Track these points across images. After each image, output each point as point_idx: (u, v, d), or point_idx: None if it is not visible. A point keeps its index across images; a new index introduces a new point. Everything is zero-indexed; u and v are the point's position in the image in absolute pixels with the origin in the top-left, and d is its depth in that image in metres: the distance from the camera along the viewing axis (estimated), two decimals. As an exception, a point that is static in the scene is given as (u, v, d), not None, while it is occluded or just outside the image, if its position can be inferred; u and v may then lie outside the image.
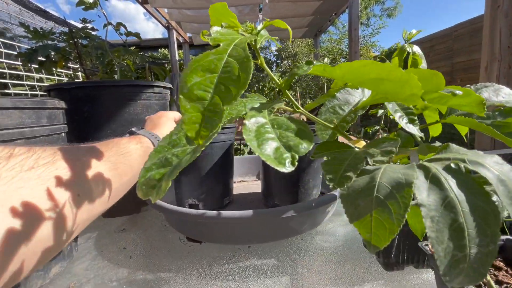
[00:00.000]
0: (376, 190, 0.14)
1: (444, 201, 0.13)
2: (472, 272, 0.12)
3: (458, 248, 0.12)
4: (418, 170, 0.14)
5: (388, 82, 0.14)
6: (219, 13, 0.20)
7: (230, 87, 0.14)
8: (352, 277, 0.37)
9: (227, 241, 0.47)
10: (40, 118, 0.39)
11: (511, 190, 0.13)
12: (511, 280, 0.23)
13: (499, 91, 0.27)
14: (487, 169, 0.13)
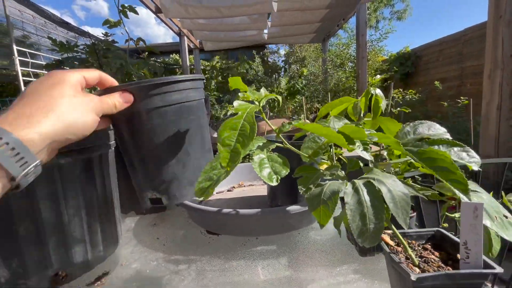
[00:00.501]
0: (323, 195, 0.25)
1: (358, 201, 0.25)
2: (371, 238, 0.24)
3: (363, 225, 0.24)
4: (350, 184, 0.26)
5: (329, 137, 0.26)
6: (235, 83, 0.33)
7: (244, 139, 0.26)
8: (335, 261, 0.48)
9: (239, 234, 0.59)
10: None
11: (393, 196, 0.24)
12: (430, 256, 0.34)
13: (430, 127, 0.38)
14: (384, 184, 0.25)
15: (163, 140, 0.39)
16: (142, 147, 0.39)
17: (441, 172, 0.31)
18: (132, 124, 0.38)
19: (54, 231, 0.44)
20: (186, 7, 3.12)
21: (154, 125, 0.38)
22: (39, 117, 0.23)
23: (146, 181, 0.42)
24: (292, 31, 4.44)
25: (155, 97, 0.37)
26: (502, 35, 2.08)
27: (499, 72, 2.09)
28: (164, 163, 0.40)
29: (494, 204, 0.42)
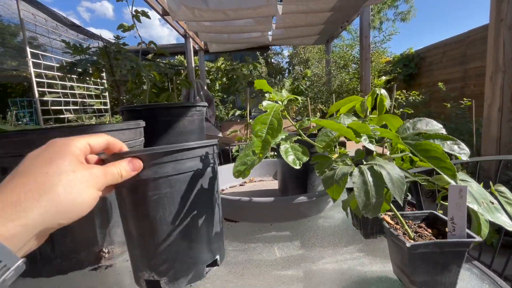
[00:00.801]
0: (335, 176, 0.32)
1: (363, 181, 0.31)
2: (373, 210, 0.30)
3: (367, 200, 0.31)
4: (357, 168, 0.33)
5: (340, 131, 0.33)
6: (261, 85, 0.40)
7: (273, 132, 0.33)
8: (342, 242, 0.55)
9: (255, 221, 0.66)
10: (137, 134, 0.60)
11: (392, 178, 0.31)
12: (424, 232, 0.40)
13: (428, 123, 0.45)
14: (384, 168, 0.31)
15: (169, 213, 0.34)
16: (144, 219, 0.35)
17: (433, 160, 0.38)
18: (136, 192, 0.34)
19: (100, 214, 0.52)
20: (193, 10, 3.20)
21: (161, 195, 0.34)
22: (28, 204, 0.21)
23: (144, 259, 0.36)
24: (296, 33, 4.51)
25: (166, 165, 0.33)
26: (504, 38, 2.13)
27: (500, 74, 2.14)
28: (167, 239, 0.34)
29: (482, 192, 0.48)
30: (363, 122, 0.35)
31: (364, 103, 0.58)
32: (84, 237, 0.50)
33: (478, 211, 0.45)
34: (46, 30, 3.67)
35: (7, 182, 0.22)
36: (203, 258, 0.38)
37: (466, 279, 0.42)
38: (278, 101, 0.37)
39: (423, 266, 0.35)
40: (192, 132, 0.86)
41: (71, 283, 0.48)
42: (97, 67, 2.64)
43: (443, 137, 0.43)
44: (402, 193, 0.30)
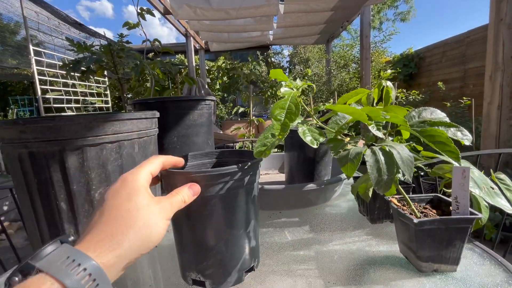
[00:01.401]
0: (350, 155, 0.35)
1: (375, 160, 0.34)
2: (385, 186, 0.33)
3: (379, 176, 0.33)
4: (369, 149, 0.35)
5: (354, 114, 0.35)
6: (277, 74, 0.42)
7: (292, 115, 0.35)
8: (350, 227, 0.58)
9: (265, 208, 0.69)
10: (152, 124, 0.62)
11: (402, 157, 0.33)
12: (429, 212, 0.43)
13: (432, 112, 0.47)
14: (394, 149, 0.34)
15: (216, 225, 0.39)
16: (195, 230, 0.39)
17: (438, 144, 0.41)
18: (189, 207, 0.35)
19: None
20: (195, 9, 3.22)
21: (210, 210, 0.37)
22: (119, 237, 0.23)
23: (192, 262, 0.40)
24: (297, 33, 4.54)
25: (218, 185, 0.36)
26: (503, 37, 2.16)
27: (499, 73, 2.17)
28: (214, 248, 0.39)
29: (483, 178, 0.51)
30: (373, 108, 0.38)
31: (371, 95, 0.60)
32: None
33: (480, 195, 0.47)
34: (48, 28, 3.69)
35: (99, 217, 0.25)
36: (243, 265, 0.42)
37: (468, 257, 0.44)
38: (294, 88, 0.40)
39: (429, 241, 0.38)
40: (202, 125, 0.88)
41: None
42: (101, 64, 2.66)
43: (447, 124, 0.46)
44: (411, 171, 0.33)
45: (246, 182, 0.40)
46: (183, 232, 0.40)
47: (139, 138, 0.57)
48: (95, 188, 0.51)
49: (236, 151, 0.52)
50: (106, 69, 2.93)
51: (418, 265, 0.40)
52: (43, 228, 0.50)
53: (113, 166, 0.52)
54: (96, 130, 0.49)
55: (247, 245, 0.42)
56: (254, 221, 0.43)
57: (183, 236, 0.40)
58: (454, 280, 0.38)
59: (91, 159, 0.49)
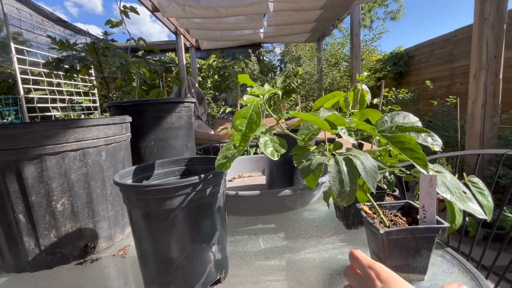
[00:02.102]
0: (312, 166, 0.33)
1: (338, 170, 0.33)
2: (347, 197, 0.32)
3: (342, 188, 0.32)
4: (333, 158, 0.34)
5: (316, 123, 0.34)
6: (244, 79, 0.41)
7: (253, 125, 0.34)
8: (325, 233, 0.57)
9: (241, 214, 0.67)
10: (122, 129, 0.60)
11: (365, 167, 0.32)
12: (399, 220, 0.42)
13: (405, 117, 0.46)
14: (358, 159, 0.33)
15: (177, 239, 0.37)
16: (157, 243, 0.37)
17: (407, 151, 0.40)
18: (151, 219, 0.36)
19: (86, 208, 0.52)
20: (184, 7, 3.17)
21: (172, 224, 0.36)
22: None
23: (155, 277, 0.39)
24: (288, 31, 4.52)
25: (178, 197, 0.35)
26: (487, 37, 2.19)
27: (483, 72, 2.20)
28: (175, 262, 0.37)
29: (455, 182, 0.50)
30: (341, 115, 0.36)
31: (347, 98, 0.59)
32: (69, 231, 0.50)
33: (451, 200, 0.47)
34: (31, 25, 3.57)
35: None
36: (208, 279, 0.40)
37: (438, 264, 0.44)
38: (260, 95, 0.38)
39: (396, 251, 0.37)
40: (180, 128, 0.86)
41: (56, 277, 0.48)
42: (85, 63, 2.59)
43: (418, 129, 0.45)
44: (375, 182, 0.32)
45: (208, 193, 0.38)
46: (143, 246, 0.38)
47: (107, 144, 0.55)
48: (56, 198, 0.48)
49: (206, 158, 0.50)
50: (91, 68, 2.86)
51: None
52: (0, 241, 0.48)
53: (77, 175, 0.50)
54: (56, 138, 0.46)
55: (211, 257, 0.40)
56: (219, 232, 0.42)
57: (144, 251, 0.39)
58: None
59: (52, 168, 0.47)
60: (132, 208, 0.37)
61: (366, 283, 0.30)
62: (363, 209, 0.44)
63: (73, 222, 0.51)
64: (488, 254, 0.95)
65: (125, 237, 0.61)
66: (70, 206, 0.50)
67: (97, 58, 2.59)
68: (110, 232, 0.57)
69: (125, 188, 0.36)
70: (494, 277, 1.27)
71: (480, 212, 0.48)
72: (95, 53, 2.55)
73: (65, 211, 0.49)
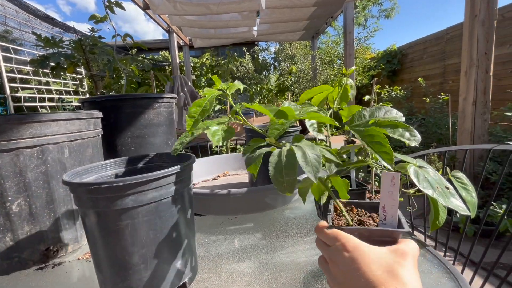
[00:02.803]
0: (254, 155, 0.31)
1: (278, 160, 0.30)
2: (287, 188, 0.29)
3: (280, 177, 0.29)
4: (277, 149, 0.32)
5: (266, 113, 0.32)
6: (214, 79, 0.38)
7: (204, 112, 0.31)
8: (304, 232, 0.54)
9: (220, 213, 0.64)
10: (90, 125, 0.56)
11: (306, 157, 0.30)
12: (368, 220, 0.39)
13: (387, 112, 0.44)
14: (301, 149, 0.31)
15: (133, 242, 0.34)
16: (109, 247, 0.34)
17: (375, 145, 0.37)
18: (102, 221, 0.33)
19: (46, 208, 0.48)
20: (175, 4, 3.12)
21: (126, 225, 0.33)
22: None
23: (108, 283, 0.36)
24: (282, 29, 4.49)
25: (132, 196, 0.33)
26: (477, 34, 2.19)
27: (474, 69, 2.20)
28: (131, 268, 0.34)
29: (437, 178, 0.48)
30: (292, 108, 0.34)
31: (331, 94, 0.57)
32: (27, 234, 0.47)
33: (433, 196, 0.45)
34: (17, 22, 3.49)
35: None
36: (170, 284, 0.37)
37: (418, 264, 0.41)
38: (225, 89, 0.35)
39: None
40: (159, 124, 0.82)
41: (13, 284, 0.45)
42: (72, 61, 2.53)
43: (395, 124, 0.43)
44: (316, 172, 0.29)
45: (168, 191, 0.35)
46: (97, 249, 0.35)
47: (69, 141, 0.51)
48: (11, 199, 0.45)
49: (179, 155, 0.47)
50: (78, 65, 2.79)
51: None
52: (-51, 246, 0.44)
53: (35, 174, 0.46)
54: (8, 134, 0.43)
55: (174, 261, 0.37)
56: (183, 234, 0.39)
57: (98, 254, 0.35)
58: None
59: (4, 166, 0.43)
60: (83, 208, 0.34)
61: (334, 254, 0.30)
62: (335, 205, 0.41)
63: (32, 225, 0.47)
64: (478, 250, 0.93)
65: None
66: (28, 207, 0.46)
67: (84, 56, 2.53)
68: (76, 234, 0.53)
69: (73, 187, 0.33)
70: (482, 272, 1.26)
71: (463, 208, 0.46)
72: (82, 51, 2.49)
73: (22, 213, 0.46)
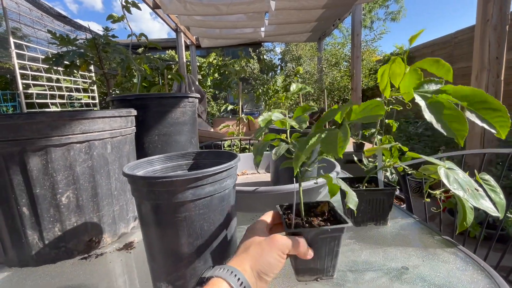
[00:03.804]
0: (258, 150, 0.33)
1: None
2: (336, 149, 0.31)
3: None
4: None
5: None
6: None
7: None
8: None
9: (247, 210, 0.66)
10: (128, 122, 0.59)
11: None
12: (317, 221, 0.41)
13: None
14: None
15: (188, 233, 0.36)
16: (165, 238, 0.36)
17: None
18: (161, 213, 0.35)
19: (91, 201, 0.51)
20: (185, 4, 3.15)
21: (183, 217, 0.35)
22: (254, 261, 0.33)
23: (162, 272, 0.38)
24: (289, 30, 4.51)
25: (190, 190, 0.35)
26: (489, 38, 2.19)
27: (485, 73, 2.20)
28: (185, 258, 0.36)
29: (467, 179, 0.50)
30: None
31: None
32: (73, 225, 0.49)
33: (464, 197, 0.46)
34: (30, 20, 3.54)
35: (240, 248, 0.35)
36: None
37: (451, 262, 0.43)
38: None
39: None
40: (185, 123, 0.85)
41: (60, 272, 0.47)
42: (85, 59, 2.56)
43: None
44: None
45: (220, 187, 0.37)
46: (152, 240, 0.37)
47: (112, 137, 0.53)
48: (61, 191, 0.47)
49: (214, 152, 0.49)
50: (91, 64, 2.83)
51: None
52: (3, 234, 0.47)
53: (83, 168, 0.49)
54: (61, 129, 0.45)
55: (224, 253, 0.40)
56: (230, 227, 0.41)
57: (153, 245, 0.38)
58: (436, 287, 0.37)
59: (57, 160, 0.46)
60: (141, 201, 0.36)
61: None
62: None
63: (78, 216, 0.49)
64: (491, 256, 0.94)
65: (130, 232, 0.60)
66: (75, 199, 0.49)
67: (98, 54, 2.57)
68: (115, 227, 0.56)
69: (135, 179, 0.35)
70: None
71: (493, 210, 0.47)
72: (96, 49, 2.53)
73: (70, 205, 0.48)
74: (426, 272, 0.41)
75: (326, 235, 0.36)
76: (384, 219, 0.56)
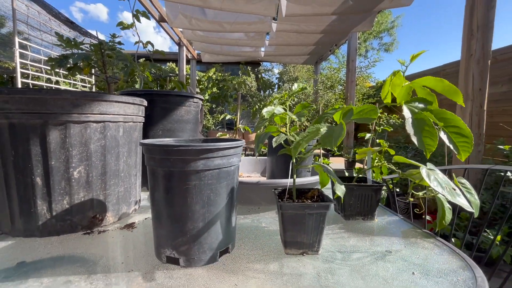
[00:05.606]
0: (259, 140, 0.38)
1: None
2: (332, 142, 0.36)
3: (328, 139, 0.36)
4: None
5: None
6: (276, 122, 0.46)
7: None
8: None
9: (244, 203, 0.70)
10: (139, 111, 0.63)
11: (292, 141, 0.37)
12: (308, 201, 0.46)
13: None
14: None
15: (195, 202, 0.39)
16: (174, 204, 0.40)
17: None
18: (171, 181, 0.39)
19: (99, 178, 0.54)
20: (191, 19, 3.30)
21: (192, 186, 0.39)
22: None
23: (168, 238, 0.40)
24: (288, 51, 4.72)
25: (201, 161, 0.39)
26: (473, 71, 2.36)
27: (469, 103, 2.35)
28: (190, 225, 0.39)
29: (446, 180, 0.55)
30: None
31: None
32: (81, 200, 0.52)
33: (442, 193, 0.52)
34: (38, 23, 3.63)
35: None
36: (219, 246, 0.43)
37: (429, 248, 0.47)
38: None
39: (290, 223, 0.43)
40: (188, 121, 0.89)
41: (63, 245, 0.49)
42: (89, 62, 2.63)
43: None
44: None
45: (228, 162, 0.42)
46: (161, 206, 0.41)
47: (124, 122, 0.58)
48: (74, 166, 0.50)
49: (220, 139, 0.54)
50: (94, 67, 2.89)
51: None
52: (13, 203, 0.49)
53: (96, 146, 0.53)
54: (82, 108, 0.49)
55: (224, 225, 0.43)
56: (233, 203, 0.45)
57: (161, 211, 0.41)
58: (415, 266, 0.41)
59: (74, 136, 0.49)
60: (155, 169, 0.40)
61: None
62: None
63: (86, 192, 0.52)
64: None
65: (131, 214, 0.62)
66: (86, 175, 0.52)
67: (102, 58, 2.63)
68: (118, 207, 0.58)
69: (153, 147, 0.39)
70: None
71: (468, 206, 0.53)
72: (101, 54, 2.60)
73: (81, 179, 0.51)
74: (407, 254, 0.45)
75: (313, 211, 0.41)
76: (372, 215, 0.60)
